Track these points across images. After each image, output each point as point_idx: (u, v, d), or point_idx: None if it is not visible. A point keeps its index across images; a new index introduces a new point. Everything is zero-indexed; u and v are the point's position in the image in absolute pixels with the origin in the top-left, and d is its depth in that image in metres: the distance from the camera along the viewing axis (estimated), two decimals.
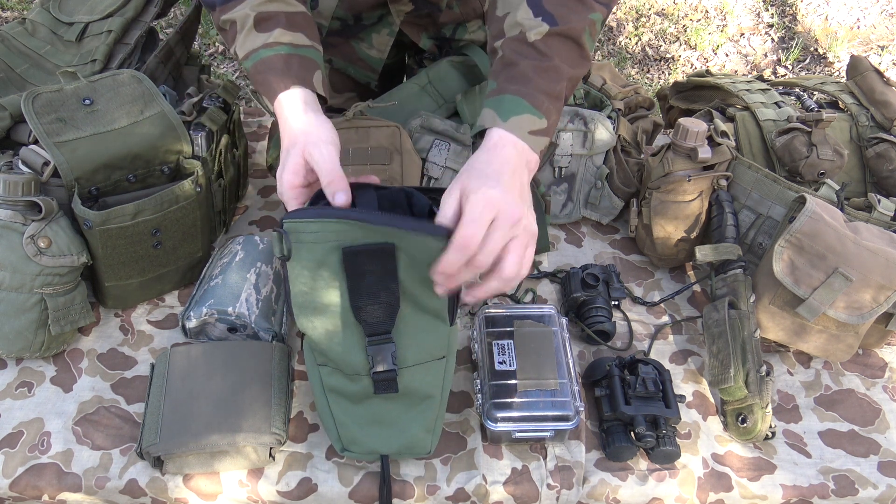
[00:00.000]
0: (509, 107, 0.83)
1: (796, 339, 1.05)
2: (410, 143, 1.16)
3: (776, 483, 0.95)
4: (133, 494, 0.90)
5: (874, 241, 1.00)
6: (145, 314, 1.09)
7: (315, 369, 0.89)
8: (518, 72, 0.84)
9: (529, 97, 0.83)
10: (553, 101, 0.85)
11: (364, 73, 1.38)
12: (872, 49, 3.16)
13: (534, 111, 0.83)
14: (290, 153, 0.84)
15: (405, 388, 0.87)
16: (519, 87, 0.83)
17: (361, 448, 0.89)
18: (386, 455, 0.90)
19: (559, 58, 0.85)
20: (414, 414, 0.89)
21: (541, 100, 0.83)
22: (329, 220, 0.78)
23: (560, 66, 0.85)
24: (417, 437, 0.90)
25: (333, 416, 0.89)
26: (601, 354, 1.08)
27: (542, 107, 0.83)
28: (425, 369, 0.87)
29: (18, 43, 1.21)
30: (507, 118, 0.82)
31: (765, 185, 1.13)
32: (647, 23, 3.18)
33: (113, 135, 0.98)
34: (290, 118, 0.87)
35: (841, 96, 1.29)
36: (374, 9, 1.28)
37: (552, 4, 0.85)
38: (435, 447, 0.92)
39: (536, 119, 0.83)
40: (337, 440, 0.90)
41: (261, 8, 0.91)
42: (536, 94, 0.83)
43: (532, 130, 0.83)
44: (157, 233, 1.02)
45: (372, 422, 0.89)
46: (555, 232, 1.27)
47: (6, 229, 0.92)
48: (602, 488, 0.93)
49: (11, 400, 0.97)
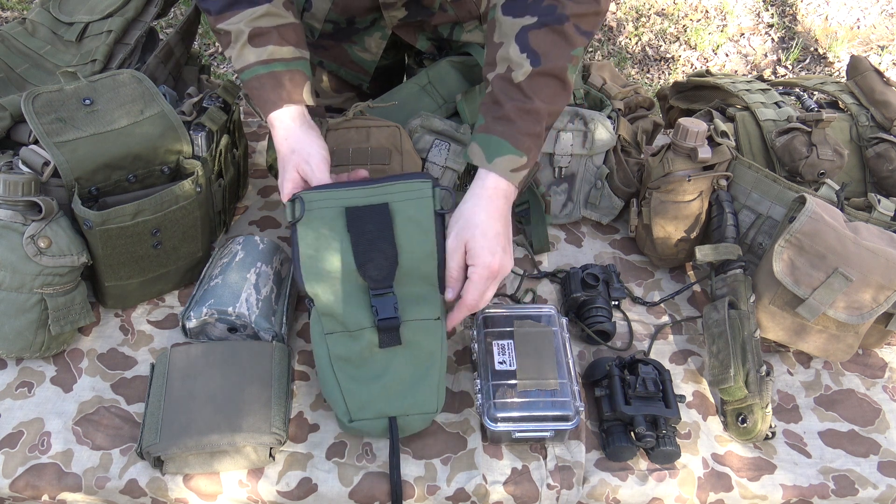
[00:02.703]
0: (495, 148, 0.95)
1: (796, 339, 1.05)
2: (410, 143, 1.16)
3: (776, 483, 0.95)
4: (133, 494, 0.90)
5: (874, 241, 1.00)
6: (145, 314, 1.09)
7: (322, 341, 0.93)
8: (503, 113, 0.95)
9: (512, 139, 0.95)
10: (533, 139, 0.96)
11: (356, 75, 1.39)
12: (872, 49, 3.16)
13: (515, 151, 0.95)
14: (286, 167, 0.99)
15: (407, 342, 0.93)
16: (504, 129, 0.95)
17: (370, 412, 0.90)
18: (394, 417, 0.90)
19: (540, 98, 0.95)
20: (418, 369, 0.92)
21: (522, 140, 0.95)
22: (335, 189, 0.96)
23: (540, 108, 0.95)
24: (423, 394, 0.92)
25: (340, 385, 0.91)
26: (601, 354, 1.08)
27: (524, 146, 0.95)
28: (424, 327, 0.94)
29: (18, 43, 1.21)
30: (492, 159, 0.95)
31: (765, 185, 1.13)
32: (647, 23, 3.18)
33: (113, 135, 0.98)
34: (282, 135, 1.00)
35: (841, 96, 1.29)
36: (366, 13, 1.29)
37: (537, 42, 0.94)
38: (441, 408, 0.93)
39: (518, 158, 0.95)
40: (344, 412, 0.90)
41: (255, 24, 0.99)
42: (518, 136, 0.95)
43: (514, 168, 0.96)
44: (157, 233, 1.02)
45: (378, 378, 0.91)
46: (555, 232, 1.27)
47: (6, 229, 0.92)
48: (602, 488, 0.93)
49: (11, 400, 0.97)
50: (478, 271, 0.93)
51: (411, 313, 0.94)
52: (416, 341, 0.93)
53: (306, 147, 0.99)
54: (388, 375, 0.92)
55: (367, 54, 1.36)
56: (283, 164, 1.00)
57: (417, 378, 0.92)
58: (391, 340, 0.92)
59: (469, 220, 0.95)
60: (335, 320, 0.93)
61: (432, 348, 0.94)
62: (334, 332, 0.93)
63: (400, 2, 1.25)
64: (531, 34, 0.94)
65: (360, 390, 0.91)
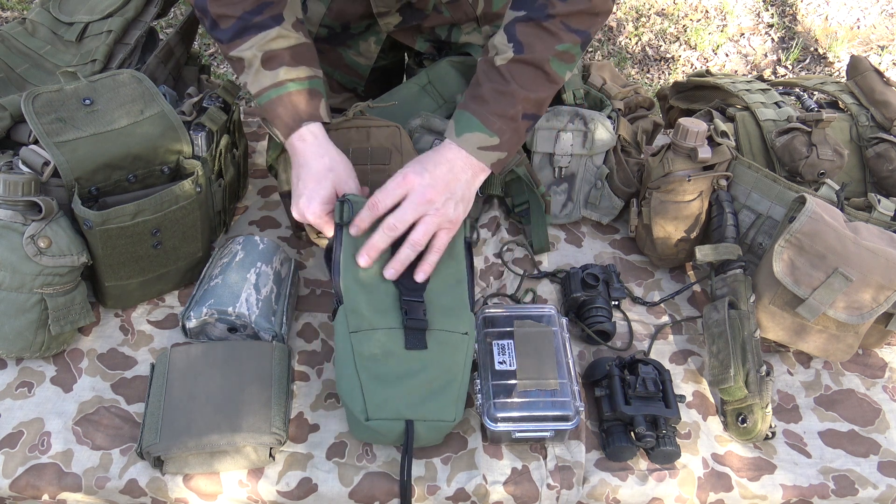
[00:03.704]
0: (465, 124, 0.98)
1: (796, 339, 1.05)
2: (410, 143, 1.16)
3: (776, 483, 0.95)
4: (133, 494, 0.90)
5: (874, 241, 1.00)
6: (145, 314, 1.09)
7: (346, 339, 0.92)
8: (480, 92, 0.98)
9: (483, 118, 0.97)
10: (507, 121, 0.97)
11: (350, 79, 1.40)
12: (872, 49, 3.16)
13: (485, 129, 0.97)
14: (321, 182, 0.99)
15: (432, 349, 0.93)
16: (476, 108, 0.98)
17: (387, 413, 0.89)
18: (411, 421, 0.89)
19: (518, 82, 0.97)
20: (440, 379, 0.92)
21: (492, 121, 0.97)
22: None
23: (516, 91, 0.97)
24: (442, 403, 0.91)
25: (361, 382, 0.90)
26: (601, 354, 1.08)
27: (494, 126, 0.97)
28: (451, 339, 0.94)
29: (18, 43, 1.21)
30: (460, 134, 0.98)
31: (765, 185, 1.13)
32: (647, 23, 3.18)
33: (113, 135, 0.98)
34: (317, 151, 1.01)
35: (841, 96, 1.29)
36: (360, 19, 1.29)
37: (523, 34, 0.97)
38: (458, 420, 0.92)
39: (487, 137, 0.97)
40: (362, 410, 0.89)
41: (266, 47, 1.00)
42: (489, 115, 0.97)
43: (482, 146, 0.97)
44: (157, 233, 1.02)
45: (400, 379, 0.91)
46: (555, 232, 1.27)
47: (6, 229, 0.92)
48: (602, 488, 0.93)
49: (11, 400, 0.97)
50: (394, 179, 0.95)
51: (440, 323, 0.95)
52: (442, 350, 0.93)
53: (341, 167, 1.01)
54: (410, 379, 0.91)
55: (362, 59, 1.36)
56: (318, 178, 0.99)
57: (439, 387, 0.91)
58: (417, 342, 0.92)
59: (416, 158, 0.99)
60: (363, 319, 0.93)
61: (457, 360, 0.93)
62: (360, 329, 0.92)
63: (393, 9, 1.26)
64: (518, 25, 0.97)
65: (380, 390, 0.90)
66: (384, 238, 0.94)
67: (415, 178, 0.94)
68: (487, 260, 1.20)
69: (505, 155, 0.99)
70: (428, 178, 0.94)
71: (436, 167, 0.96)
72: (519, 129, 1.00)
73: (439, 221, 0.95)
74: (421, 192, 0.94)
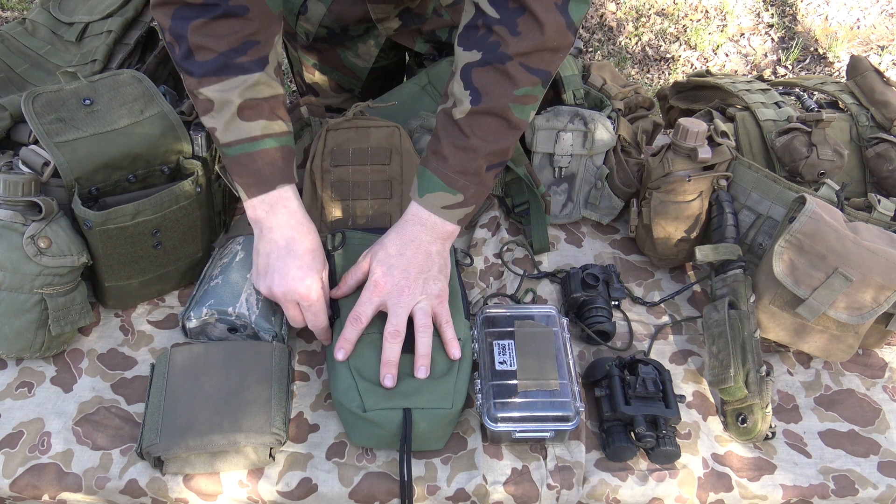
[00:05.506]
0: (427, 184, 0.95)
1: (796, 339, 1.05)
2: (410, 143, 1.16)
3: (776, 483, 0.95)
4: (133, 494, 0.90)
5: (874, 241, 1.00)
6: (145, 314, 1.09)
7: None
8: (439, 148, 0.95)
9: (444, 177, 0.94)
10: (469, 177, 0.94)
11: (348, 80, 1.40)
12: (872, 49, 3.16)
13: (447, 189, 0.94)
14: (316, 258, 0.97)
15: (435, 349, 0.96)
16: (437, 166, 0.94)
17: (385, 403, 0.90)
18: (409, 409, 0.90)
19: (478, 136, 0.93)
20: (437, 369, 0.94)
21: (454, 179, 0.94)
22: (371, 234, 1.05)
23: (477, 146, 0.93)
24: (440, 391, 0.92)
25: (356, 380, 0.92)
26: (601, 354, 1.08)
27: (457, 185, 0.94)
28: None
29: (18, 43, 1.21)
30: (423, 194, 0.96)
31: (765, 185, 1.13)
32: (647, 23, 3.18)
33: (113, 135, 0.98)
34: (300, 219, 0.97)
35: (841, 96, 1.29)
36: (359, 23, 1.29)
37: (479, 80, 0.91)
38: (458, 409, 0.93)
39: (451, 195, 0.95)
40: (359, 405, 0.90)
41: (247, 94, 0.92)
42: (450, 174, 0.94)
43: (445, 205, 0.95)
44: (157, 233, 1.02)
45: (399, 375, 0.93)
46: (555, 232, 1.27)
47: (6, 229, 0.92)
48: (602, 488, 0.93)
49: (11, 400, 0.97)
50: (367, 288, 0.95)
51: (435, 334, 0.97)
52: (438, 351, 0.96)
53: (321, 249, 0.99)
54: (406, 376, 0.93)
55: (360, 61, 1.36)
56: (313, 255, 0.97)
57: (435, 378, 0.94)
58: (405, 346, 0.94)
59: (381, 240, 0.98)
60: None
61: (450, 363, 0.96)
62: None
63: (392, 14, 1.26)
64: (474, 71, 0.91)
65: (376, 385, 0.92)
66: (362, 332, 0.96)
67: (386, 281, 0.94)
68: (487, 260, 1.20)
69: (472, 208, 0.97)
70: (397, 274, 0.94)
71: (400, 256, 0.95)
72: (484, 181, 0.96)
73: (428, 302, 0.95)
74: (397, 294, 0.94)
